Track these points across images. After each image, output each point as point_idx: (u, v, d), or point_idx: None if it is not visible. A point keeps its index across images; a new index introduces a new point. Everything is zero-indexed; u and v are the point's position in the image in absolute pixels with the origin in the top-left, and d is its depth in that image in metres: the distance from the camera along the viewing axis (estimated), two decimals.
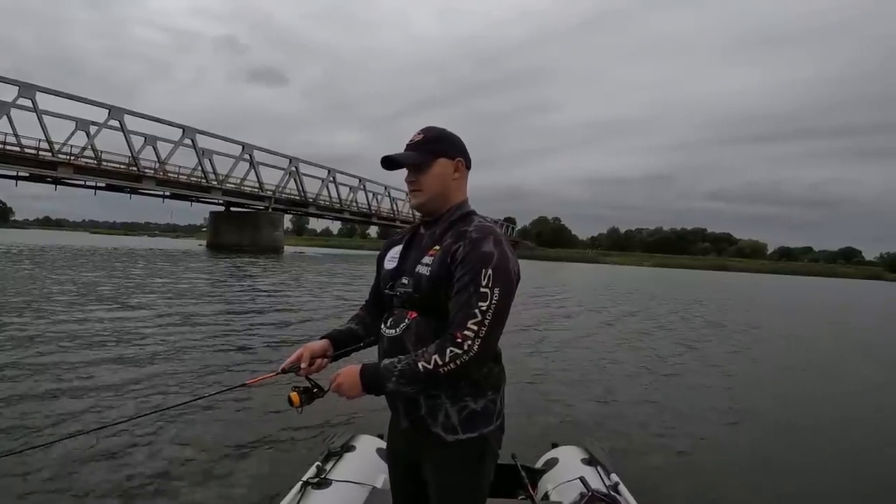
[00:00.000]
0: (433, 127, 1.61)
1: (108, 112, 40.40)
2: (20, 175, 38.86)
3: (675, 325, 14.15)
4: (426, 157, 1.56)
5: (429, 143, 1.57)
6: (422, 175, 1.56)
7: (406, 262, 1.60)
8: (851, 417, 6.26)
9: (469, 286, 1.43)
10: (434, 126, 1.62)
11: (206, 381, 5.92)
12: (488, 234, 1.49)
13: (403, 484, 1.68)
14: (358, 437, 2.87)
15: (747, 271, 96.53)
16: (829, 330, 16.36)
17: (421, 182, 1.57)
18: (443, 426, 1.50)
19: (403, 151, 1.59)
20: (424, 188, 1.57)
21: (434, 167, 1.56)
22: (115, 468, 3.62)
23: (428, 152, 1.56)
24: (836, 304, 30.19)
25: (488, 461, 1.56)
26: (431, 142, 1.57)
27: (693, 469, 4.33)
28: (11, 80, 35.53)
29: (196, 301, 12.95)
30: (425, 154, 1.56)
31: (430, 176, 1.56)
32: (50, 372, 5.79)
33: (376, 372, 1.46)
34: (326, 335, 1.71)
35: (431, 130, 1.60)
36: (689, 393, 6.89)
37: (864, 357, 11.19)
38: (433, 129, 1.61)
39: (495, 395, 1.55)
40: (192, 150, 46.11)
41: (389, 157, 1.56)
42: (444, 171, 1.57)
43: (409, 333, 1.52)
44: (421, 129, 1.60)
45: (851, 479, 4.38)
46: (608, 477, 2.57)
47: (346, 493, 2.35)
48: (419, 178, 1.57)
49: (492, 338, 1.43)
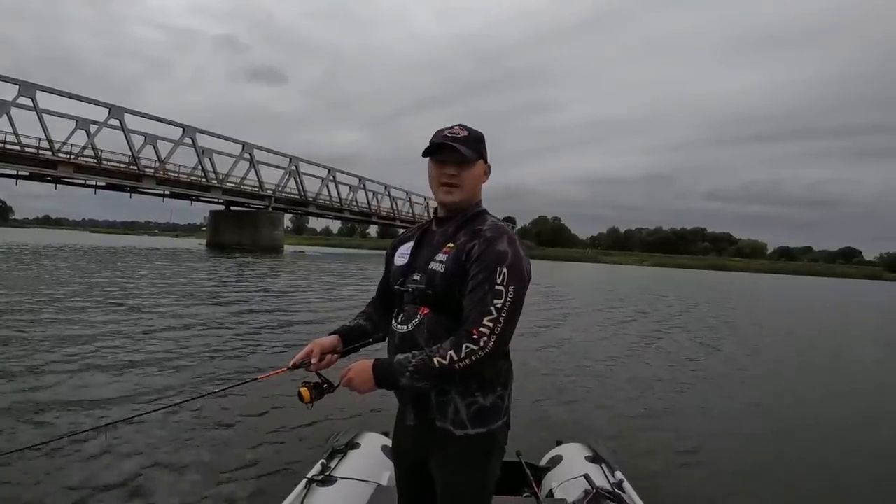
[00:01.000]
0: (468, 126, 1.59)
1: (108, 111, 40.34)
2: (20, 174, 38.78)
3: (680, 325, 14.14)
4: (475, 155, 1.56)
5: (474, 141, 1.56)
6: (464, 172, 1.56)
7: (418, 259, 1.60)
8: (860, 417, 6.23)
9: (484, 284, 1.45)
10: (467, 125, 1.59)
11: (217, 377, 5.97)
12: (502, 233, 1.50)
13: (409, 481, 1.68)
14: (363, 435, 2.88)
15: (747, 271, 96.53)
16: (835, 329, 16.36)
17: (462, 178, 1.56)
18: (452, 421, 1.51)
19: (453, 143, 1.53)
20: (464, 185, 1.56)
21: (476, 167, 1.57)
22: (125, 463, 3.66)
23: (475, 151, 1.56)
24: (838, 304, 30.19)
25: (495, 457, 1.56)
26: (476, 141, 1.57)
27: (697, 467, 4.33)
28: (11, 79, 35.49)
29: (201, 300, 12.98)
30: (474, 152, 1.55)
31: (472, 174, 1.57)
32: (56, 371, 5.80)
33: (390, 367, 1.46)
34: (336, 331, 1.71)
35: (470, 129, 1.59)
36: (695, 392, 6.89)
37: (869, 358, 11.20)
38: (471, 128, 1.59)
39: (504, 391, 1.56)
40: (193, 150, 46.06)
41: (449, 143, 1.52)
42: (480, 172, 1.59)
43: (420, 329, 1.53)
44: (457, 124, 1.59)
45: (857, 478, 4.37)
46: (612, 474, 2.58)
47: (351, 491, 2.36)
48: (462, 174, 1.55)
49: (506, 335, 1.45)
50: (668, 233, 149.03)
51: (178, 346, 7.42)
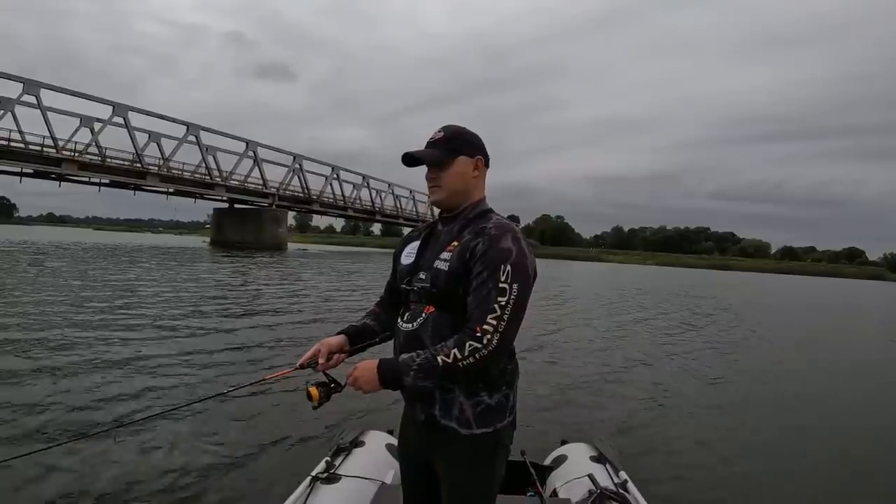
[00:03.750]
0: (453, 125, 1.63)
1: (112, 109, 40.46)
2: (24, 171, 38.86)
3: (687, 325, 14.09)
4: (447, 155, 1.58)
5: (450, 141, 1.59)
6: (442, 172, 1.59)
7: (423, 258, 1.61)
8: (871, 418, 6.21)
9: (488, 282, 1.45)
10: (454, 124, 1.63)
11: (225, 377, 5.97)
12: (507, 230, 1.50)
13: (414, 479, 1.68)
14: (367, 433, 2.88)
15: (750, 271, 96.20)
16: (842, 332, 16.28)
17: (441, 179, 1.59)
18: (457, 420, 1.50)
19: (424, 149, 1.60)
20: (444, 185, 1.59)
21: (454, 165, 1.58)
22: (131, 465, 3.66)
23: (449, 150, 1.58)
24: (844, 305, 30.06)
25: (500, 456, 1.56)
26: (452, 140, 1.60)
27: (702, 469, 4.32)
28: (16, 77, 35.64)
29: (205, 299, 12.96)
30: (446, 152, 1.58)
31: (451, 174, 1.58)
32: (62, 372, 5.78)
33: (394, 366, 1.47)
34: (342, 331, 1.72)
35: (452, 128, 1.62)
36: (701, 393, 6.86)
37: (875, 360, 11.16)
38: (453, 127, 1.63)
39: (509, 390, 1.56)
40: (197, 147, 46.18)
41: (411, 153, 1.59)
42: (464, 169, 1.60)
43: (425, 328, 1.53)
44: (441, 126, 1.62)
45: (865, 480, 4.35)
46: (617, 475, 2.58)
47: (355, 488, 2.36)
48: (440, 175, 1.59)
49: (510, 333, 1.45)
50: (672, 232, 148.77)
51: (183, 347, 7.38)
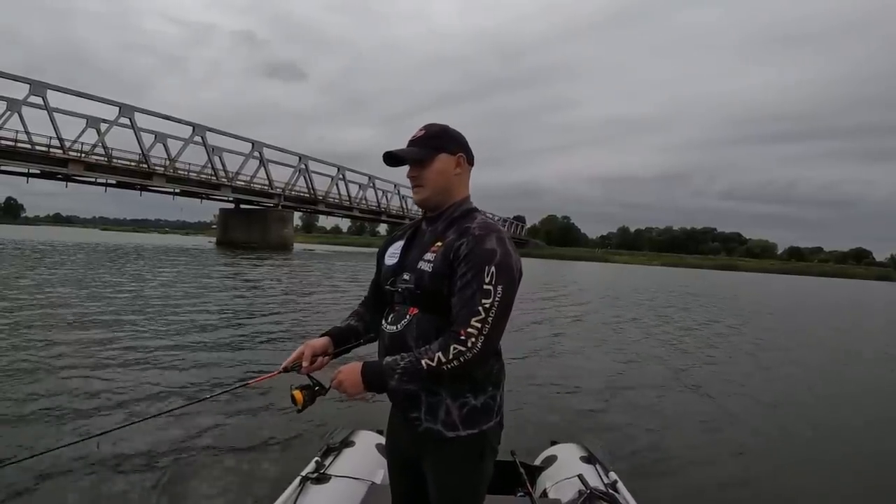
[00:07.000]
0: (435, 123, 1.63)
1: (118, 110, 40.63)
2: (31, 172, 39.06)
3: (684, 326, 14.05)
4: (427, 153, 1.57)
5: (430, 138, 1.59)
6: (423, 170, 1.58)
7: (407, 259, 1.60)
8: (865, 420, 6.19)
9: (472, 283, 1.44)
10: (436, 122, 1.63)
11: (210, 382, 5.87)
12: (491, 231, 1.50)
13: (402, 480, 1.69)
14: (357, 433, 2.89)
15: (756, 271, 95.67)
16: (842, 332, 16.20)
17: (422, 177, 1.58)
18: (443, 422, 1.50)
19: (406, 147, 1.61)
20: (426, 183, 1.58)
21: (435, 163, 1.58)
22: (116, 471, 3.60)
23: (429, 147, 1.58)
24: (850, 305, 29.89)
25: (488, 458, 1.56)
26: (433, 137, 1.59)
27: (691, 469, 4.32)
28: (22, 78, 35.81)
29: (209, 299, 13.00)
30: (426, 149, 1.58)
31: (432, 171, 1.58)
32: (51, 375, 5.68)
33: (378, 369, 1.47)
34: (326, 332, 1.71)
35: (433, 126, 1.62)
36: (691, 394, 6.84)
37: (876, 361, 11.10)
38: (435, 125, 1.63)
39: (495, 391, 1.56)
40: (203, 148, 46.33)
41: (391, 152, 1.58)
42: (445, 167, 1.59)
43: (410, 329, 1.53)
44: (423, 125, 1.62)
45: (858, 481, 4.35)
46: (607, 475, 2.58)
47: (345, 488, 2.37)
48: (421, 173, 1.58)
49: (495, 335, 1.44)
50: (678, 232, 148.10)
51: (183, 347, 7.39)
